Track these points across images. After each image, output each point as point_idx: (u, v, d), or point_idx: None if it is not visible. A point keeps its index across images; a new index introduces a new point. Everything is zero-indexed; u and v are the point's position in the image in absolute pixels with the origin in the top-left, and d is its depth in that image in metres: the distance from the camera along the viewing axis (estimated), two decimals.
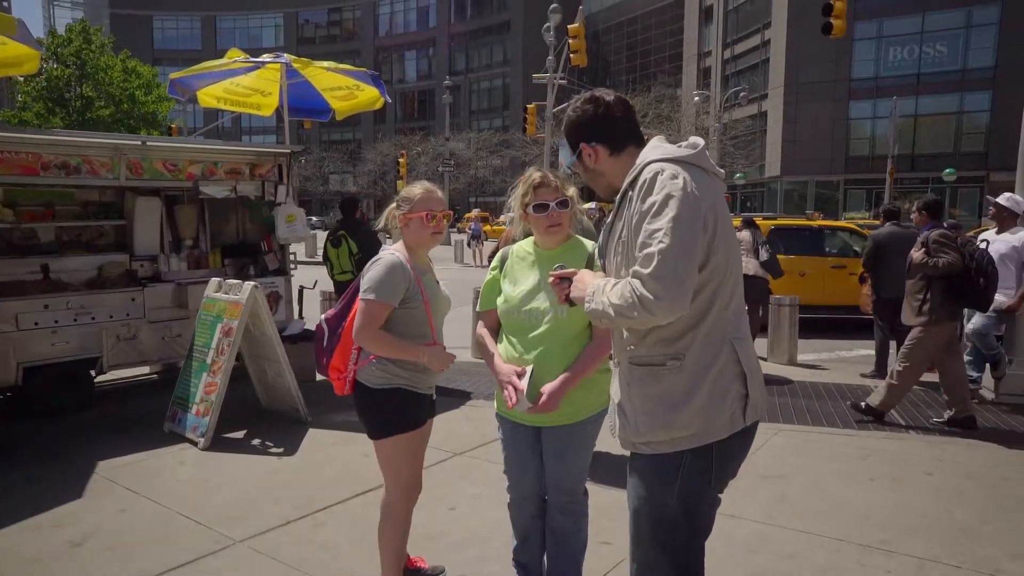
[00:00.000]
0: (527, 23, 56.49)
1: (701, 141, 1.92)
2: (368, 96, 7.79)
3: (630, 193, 1.88)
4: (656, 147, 1.94)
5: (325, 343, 2.76)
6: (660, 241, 1.70)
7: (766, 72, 39.29)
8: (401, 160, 34.17)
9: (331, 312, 2.84)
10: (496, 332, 2.70)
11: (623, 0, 58.13)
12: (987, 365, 6.22)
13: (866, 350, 8.43)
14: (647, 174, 1.83)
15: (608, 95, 2.03)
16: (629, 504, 2.01)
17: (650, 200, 1.77)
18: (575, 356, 2.51)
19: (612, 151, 2.01)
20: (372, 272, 2.62)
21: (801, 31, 34.60)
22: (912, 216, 6.15)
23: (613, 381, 2.08)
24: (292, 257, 7.18)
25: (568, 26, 18.88)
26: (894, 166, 30.35)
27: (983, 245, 6.26)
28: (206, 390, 5.15)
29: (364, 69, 7.69)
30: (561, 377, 2.45)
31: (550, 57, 23.23)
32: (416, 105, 66.17)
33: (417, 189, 2.73)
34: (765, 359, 7.66)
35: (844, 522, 3.73)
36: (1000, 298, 5.94)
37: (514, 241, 2.89)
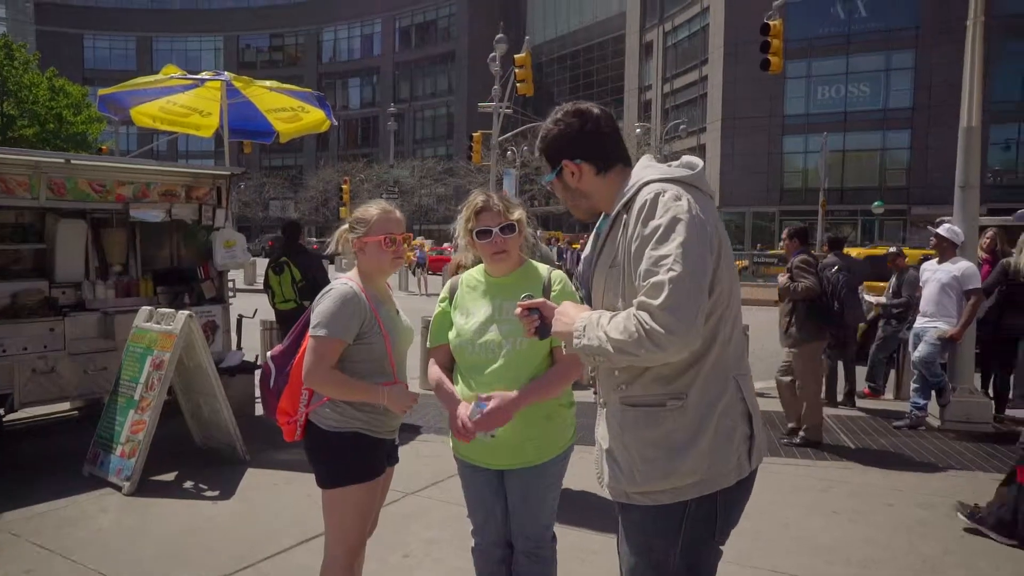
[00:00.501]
0: (472, 53, 57.05)
1: (699, 161, 1.78)
2: (314, 118, 7.53)
3: (624, 216, 1.73)
4: (648, 166, 1.80)
5: (272, 383, 2.48)
6: (670, 268, 1.55)
7: (704, 107, 40.58)
8: (344, 187, 33.64)
9: (278, 349, 2.57)
10: (449, 369, 2.49)
11: (566, 34, 59.41)
12: (932, 393, 6.31)
13: None
14: (646, 195, 1.68)
15: (595, 108, 1.87)
16: (622, 562, 1.81)
17: (653, 224, 1.62)
18: None
19: (599, 170, 1.85)
20: (323, 304, 2.37)
21: (736, 69, 36.00)
22: (782, 243, 6.39)
23: (599, 424, 1.90)
24: (231, 285, 6.81)
25: (515, 56, 19.07)
26: (825, 199, 31.65)
27: (924, 275, 6.44)
28: (133, 429, 4.74)
29: (309, 90, 7.43)
30: (518, 390, 2.26)
31: (496, 86, 23.35)
32: (359, 132, 65.68)
33: (373, 210, 2.49)
34: None
35: (813, 559, 3.63)
36: (943, 327, 6.08)
37: (463, 269, 2.71)
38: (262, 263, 8.81)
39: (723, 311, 1.70)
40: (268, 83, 7.07)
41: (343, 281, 2.45)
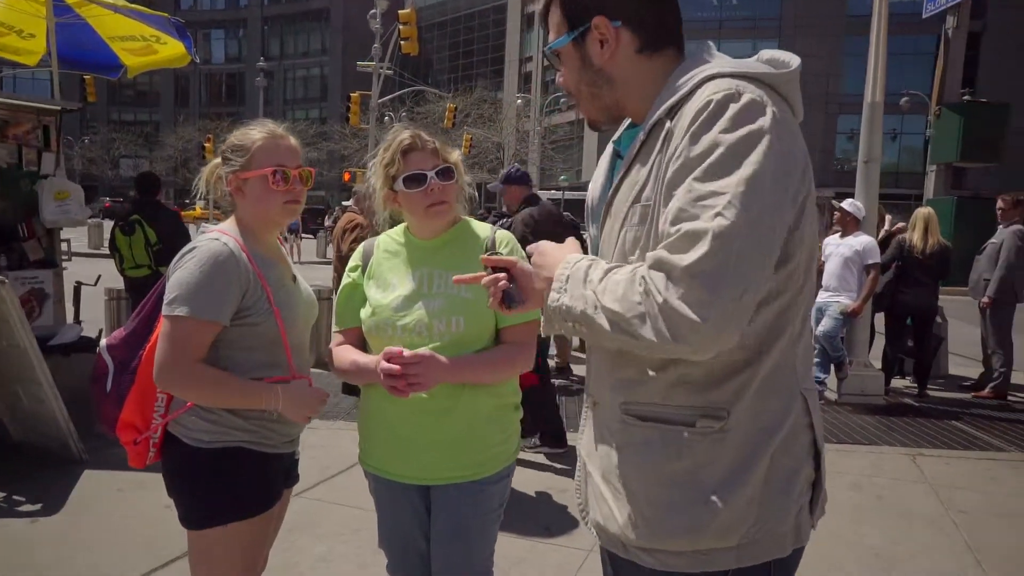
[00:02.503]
0: (347, 13, 54.42)
1: (793, 58, 1.17)
2: (172, 51, 6.34)
3: (667, 124, 1.12)
4: (716, 56, 1.19)
5: (109, 385, 1.69)
6: (719, 213, 0.98)
7: None
8: (207, 145, 30.90)
9: (118, 334, 1.77)
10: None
11: (446, 0, 57.93)
12: (832, 367, 6.35)
13: None
14: (709, 93, 1.07)
15: None
16: None
17: (708, 138, 1.03)
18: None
19: (644, 46, 1.20)
20: (183, 270, 1.63)
21: None
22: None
23: (584, 431, 1.32)
24: (65, 246, 5.63)
25: (399, 11, 18.06)
26: None
27: (826, 250, 6.43)
28: None
29: (165, 15, 6.23)
30: (457, 357, 1.73)
31: (376, 45, 22.11)
32: (223, 89, 61.23)
33: (256, 133, 1.76)
34: None
35: None
36: (845, 301, 6.09)
37: (365, 230, 2.09)
38: (109, 228, 7.58)
39: (795, 292, 1.14)
40: (110, 0, 5.81)
41: (212, 235, 1.70)
